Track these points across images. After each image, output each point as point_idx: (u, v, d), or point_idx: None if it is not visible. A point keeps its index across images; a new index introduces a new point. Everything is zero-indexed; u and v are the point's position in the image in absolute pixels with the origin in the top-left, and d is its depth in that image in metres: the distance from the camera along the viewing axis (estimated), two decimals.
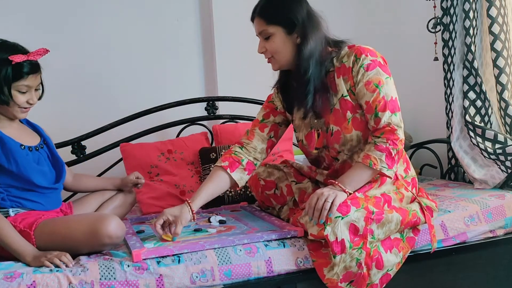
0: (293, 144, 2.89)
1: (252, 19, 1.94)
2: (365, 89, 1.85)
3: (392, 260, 1.80)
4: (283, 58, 1.91)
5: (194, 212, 1.89)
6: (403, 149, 1.97)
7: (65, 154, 2.65)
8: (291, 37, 1.88)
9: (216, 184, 1.99)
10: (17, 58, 1.78)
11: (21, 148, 1.88)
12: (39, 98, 1.92)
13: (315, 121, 1.99)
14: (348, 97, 1.90)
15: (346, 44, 1.95)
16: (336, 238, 1.71)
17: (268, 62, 1.97)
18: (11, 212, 1.84)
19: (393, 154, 1.82)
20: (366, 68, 1.84)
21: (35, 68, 1.84)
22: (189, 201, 1.90)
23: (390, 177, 1.86)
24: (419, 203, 1.94)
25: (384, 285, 1.80)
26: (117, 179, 2.22)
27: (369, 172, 1.84)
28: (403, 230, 1.89)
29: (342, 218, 1.72)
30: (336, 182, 1.83)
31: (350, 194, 1.80)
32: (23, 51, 1.84)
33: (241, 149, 2.05)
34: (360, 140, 1.93)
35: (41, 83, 1.91)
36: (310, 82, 1.88)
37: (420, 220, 1.90)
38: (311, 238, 1.80)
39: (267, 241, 1.82)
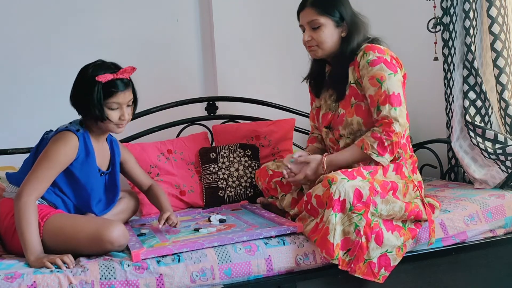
0: (293, 144, 2.90)
1: (301, 9, 2.08)
2: (368, 83, 1.99)
3: (393, 240, 1.83)
4: (328, 47, 2.06)
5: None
6: (408, 146, 2.10)
7: None
8: (338, 29, 2.06)
9: (315, 150, 2.26)
10: (103, 78, 1.84)
11: (96, 168, 1.94)
12: (133, 113, 1.97)
13: (333, 104, 2.15)
14: (354, 85, 2.05)
15: (372, 40, 2.10)
16: (339, 196, 1.77)
17: (310, 50, 2.10)
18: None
19: (386, 144, 1.95)
20: (371, 63, 1.98)
21: (123, 85, 1.89)
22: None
23: (382, 164, 1.97)
24: (422, 199, 1.98)
25: (382, 270, 1.80)
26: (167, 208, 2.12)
27: (359, 155, 1.98)
28: (406, 221, 1.91)
29: (348, 180, 1.80)
30: (323, 164, 2.00)
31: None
32: (114, 69, 1.90)
33: (312, 133, 2.37)
34: (361, 126, 2.05)
35: (135, 98, 1.96)
36: (347, 67, 2.06)
37: (422, 213, 1.93)
38: (313, 204, 1.86)
39: (267, 238, 1.83)
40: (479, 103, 2.45)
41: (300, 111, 3.03)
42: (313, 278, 1.82)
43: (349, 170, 1.90)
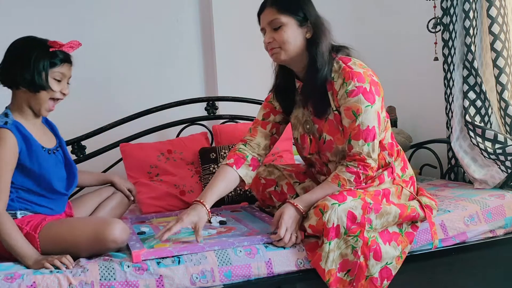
0: (293, 144, 2.89)
1: (262, 10, 1.93)
2: (344, 113, 1.87)
3: (391, 252, 1.81)
4: (292, 49, 1.88)
5: (210, 212, 1.88)
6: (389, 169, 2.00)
7: None
8: (301, 30, 1.88)
9: (225, 181, 1.97)
10: (55, 45, 1.83)
11: (43, 150, 1.88)
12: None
13: (307, 126, 2.02)
14: (336, 112, 1.92)
15: (345, 52, 1.95)
16: (333, 224, 1.73)
17: (272, 54, 1.92)
18: (19, 214, 1.83)
19: (362, 178, 1.87)
20: (349, 94, 1.84)
21: (69, 58, 1.88)
22: (201, 201, 1.86)
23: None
24: (419, 201, 1.97)
25: (385, 281, 1.80)
26: (106, 177, 2.25)
27: (334, 190, 1.86)
28: (402, 224, 1.90)
29: (339, 205, 1.75)
30: (296, 204, 1.84)
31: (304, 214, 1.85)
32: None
33: (245, 146, 2.07)
34: None
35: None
36: (322, 79, 1.88)
37: (419, 215, 1.92)
38: (309, 232, 1.82)
39: (267, 243, 1.82)
40: (479, 103, 2.45)
41: None
42: (313, 278, 1.82)
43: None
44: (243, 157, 2.02)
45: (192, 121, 2.90)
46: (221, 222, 2.12)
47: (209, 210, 1.87)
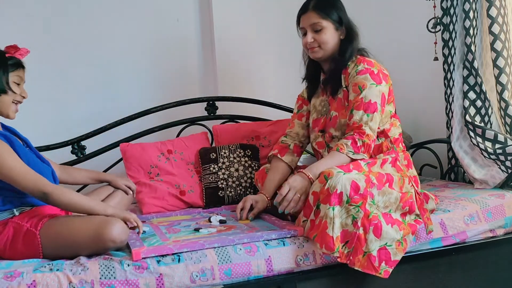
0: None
1: (304, 13, 2.17)
2: (352, 89, 2.10)
3: (392, 234, 1.82)
4: (329, 48, 2.16)
5: (269, 199, 2.18)
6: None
7: (65, 154, 2.66)
8: (337, 32, 2.17)
9: (278, 171, 2.26)
10: (10, 50, 1.89)
11: (24, 147, 1.90)
12: None
13: (324, 109, 2.23)
14: (345, 89, 2.15)
15: (361, 52, 2.21)
16: (336, 190, 1.78)
17: (311, 52, 2.18)
18: (16, 211, 1.84)
19: (359, 144, 2.01)
20: (358, 73, 2.09)
21: (22, 63, 1.94)
22: (263, 192, 2.20)
23: (360, 160, 2.00)
24: (416, 191, 2.00)
25: (383, 264, 1.78)
26: (101, 177, 2.32)
27: (338, 158, 1.99)
28: (405, 216, 1.92)
29: (344, 173, 1.82)
30: (304, 172, 1.98)
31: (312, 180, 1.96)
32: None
33: (286, 137, 2.37)
34: None
35: None
36: (342, 68, 2.16)
37: (415, 204, 1.94)
38: (310, 200, 1.88)
39: (267, 240, 1.82)
40: (479, 103, 2.45)
41: None
42: (313, 278, 1.82)
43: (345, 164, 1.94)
44: (286, 146, 2.32)
45: (192, 121, 2.90)
46: (221, 221, 2.12)
47: (268, 198, 2.18)
